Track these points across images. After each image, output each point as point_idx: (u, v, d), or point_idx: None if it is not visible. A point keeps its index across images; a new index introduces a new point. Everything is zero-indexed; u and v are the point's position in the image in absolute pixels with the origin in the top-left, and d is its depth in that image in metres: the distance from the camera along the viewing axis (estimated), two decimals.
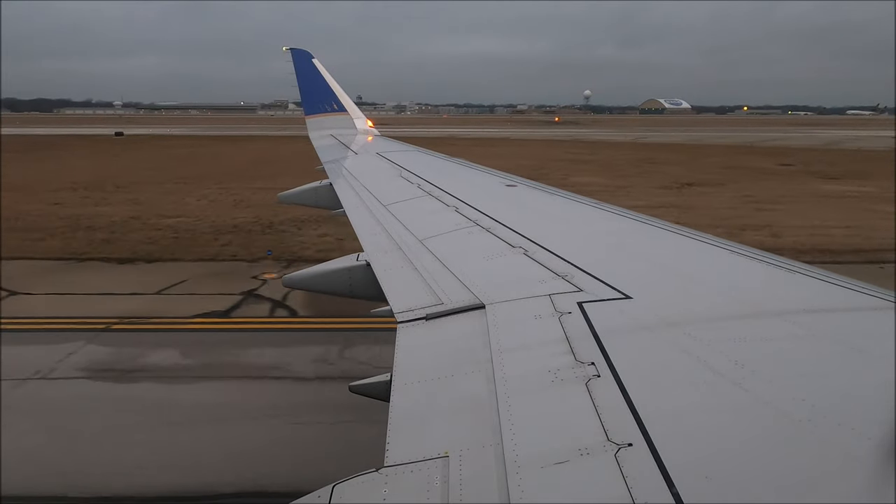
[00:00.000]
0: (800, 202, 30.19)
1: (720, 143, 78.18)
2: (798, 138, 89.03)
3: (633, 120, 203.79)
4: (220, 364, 11.61)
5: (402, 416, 2.55)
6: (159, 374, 11.07)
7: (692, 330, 2.92)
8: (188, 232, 22.93)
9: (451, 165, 10.21)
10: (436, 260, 4.55)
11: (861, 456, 1.94)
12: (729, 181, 38.19)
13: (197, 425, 9.33)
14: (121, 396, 10.28)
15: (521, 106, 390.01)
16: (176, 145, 69.73)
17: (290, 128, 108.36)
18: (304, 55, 15.80)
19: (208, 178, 38.25)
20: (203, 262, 18.80)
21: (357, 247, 5.44)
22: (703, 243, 4.54)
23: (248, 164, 48.01)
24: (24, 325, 13.41)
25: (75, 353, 11.90)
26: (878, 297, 3.25)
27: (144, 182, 36.50)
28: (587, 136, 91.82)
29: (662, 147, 70.75)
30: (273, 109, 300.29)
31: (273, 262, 18.67)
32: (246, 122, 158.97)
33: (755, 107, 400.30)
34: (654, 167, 46.78)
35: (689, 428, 2.18)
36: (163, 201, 29.72)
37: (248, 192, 32.50)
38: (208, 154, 58.41)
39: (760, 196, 31.85)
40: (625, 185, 36.12)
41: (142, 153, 59.03)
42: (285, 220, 24.62)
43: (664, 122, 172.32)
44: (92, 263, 18.75)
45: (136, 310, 14.35)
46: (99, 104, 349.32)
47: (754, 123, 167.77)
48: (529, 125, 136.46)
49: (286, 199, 10.50)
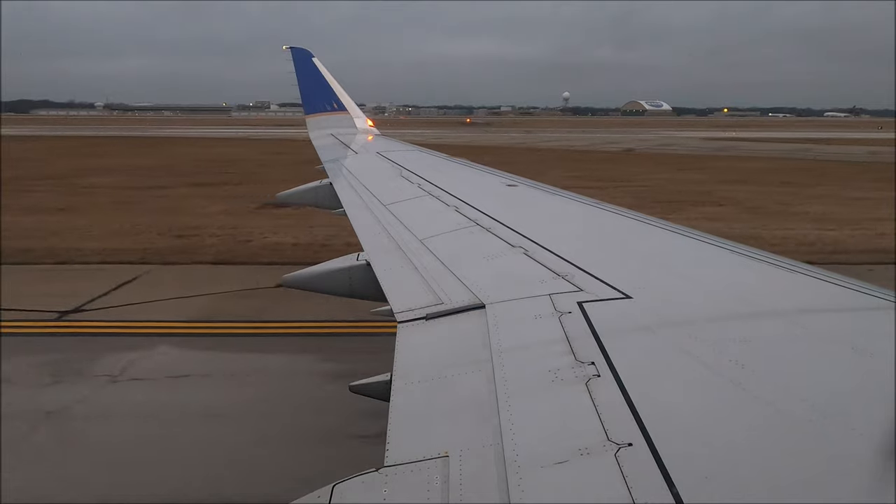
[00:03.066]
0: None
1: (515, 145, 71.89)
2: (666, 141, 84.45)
3: (558, 122, 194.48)
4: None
5: (402, 416, 2.55)
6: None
7: (692, 330, 2.92)
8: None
9: (451, 165, 10.21)
10: (436, 260, 4.55)
11: (861, 456, 1.94)
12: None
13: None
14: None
15: (505, 108, 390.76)
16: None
17: (250, 129, 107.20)
18: (305, 54, 15.79)
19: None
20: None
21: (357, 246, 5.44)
22: (703, 243, 4.54)
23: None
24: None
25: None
26: (878, 297, 3.25)
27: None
28: (453, 140, 77.77)
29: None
30: (255, 111, 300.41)
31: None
32: (212, 123, 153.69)
33: (735, 109, 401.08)
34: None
35: (689, 428, 2.18)
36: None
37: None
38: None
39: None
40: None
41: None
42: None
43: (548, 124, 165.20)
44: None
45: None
46: (82, 105, 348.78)
47: (698, 125, 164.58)
48: (450, 127, 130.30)
49: (286, 199, 10.49)
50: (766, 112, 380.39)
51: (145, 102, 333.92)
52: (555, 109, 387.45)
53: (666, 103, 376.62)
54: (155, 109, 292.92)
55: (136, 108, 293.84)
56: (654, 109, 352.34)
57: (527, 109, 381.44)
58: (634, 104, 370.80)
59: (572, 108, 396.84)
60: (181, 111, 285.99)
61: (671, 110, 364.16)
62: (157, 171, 41.68)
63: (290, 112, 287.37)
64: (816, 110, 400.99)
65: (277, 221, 23.11)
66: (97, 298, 14.26)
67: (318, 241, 19.38)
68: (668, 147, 72.38)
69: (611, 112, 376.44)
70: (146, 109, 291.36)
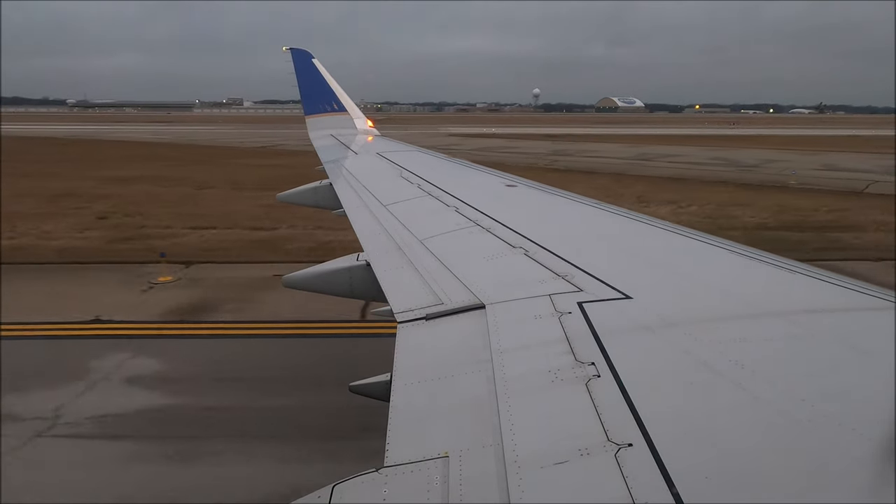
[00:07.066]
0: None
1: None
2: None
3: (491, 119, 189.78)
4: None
5: (402, 416, 2.55)
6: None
7: (692, 330, 2.92)
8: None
9: (451, 166, 10.21)
10: (436, 260, 4.55)
11: (861, 456, 1.94)
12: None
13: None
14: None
15: (481, 104, 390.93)
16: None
17: (199, 126, 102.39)
18: (304, 55, 15.78)
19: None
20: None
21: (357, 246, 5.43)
22: (703, 243, 4.54)
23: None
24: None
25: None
26: (878, 297, 3.25)
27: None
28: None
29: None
30: (226, 107, 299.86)
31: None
32: (162, 120, 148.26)
33: (714, 105, 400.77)
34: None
35: (689, 428, 2.18)
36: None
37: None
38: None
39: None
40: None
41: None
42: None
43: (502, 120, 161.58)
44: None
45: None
46: (54, 102, 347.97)
47: (666, 122, 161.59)
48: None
49: (286, 199, 10.47)
50: (739, 109, 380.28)
51: (124, 99, 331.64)
52: (526, 106, 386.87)
53: (639, 100, 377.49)
54: (116, 106, 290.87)
55: (97, 105, 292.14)
56: (626, 106, 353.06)
57: (499, 107, 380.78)
58: (608, 101, 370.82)
59: (543, 104, 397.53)
60: (142, 108, 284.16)
61: (644, 107, 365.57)
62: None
63: (262, 109, 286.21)
64: (785, 106, 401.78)
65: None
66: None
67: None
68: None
69: (586, 108, 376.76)
70: (108, 106, 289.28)
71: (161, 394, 10.23)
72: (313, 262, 5.82)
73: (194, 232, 22.45)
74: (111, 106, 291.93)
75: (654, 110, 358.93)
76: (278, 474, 7.99)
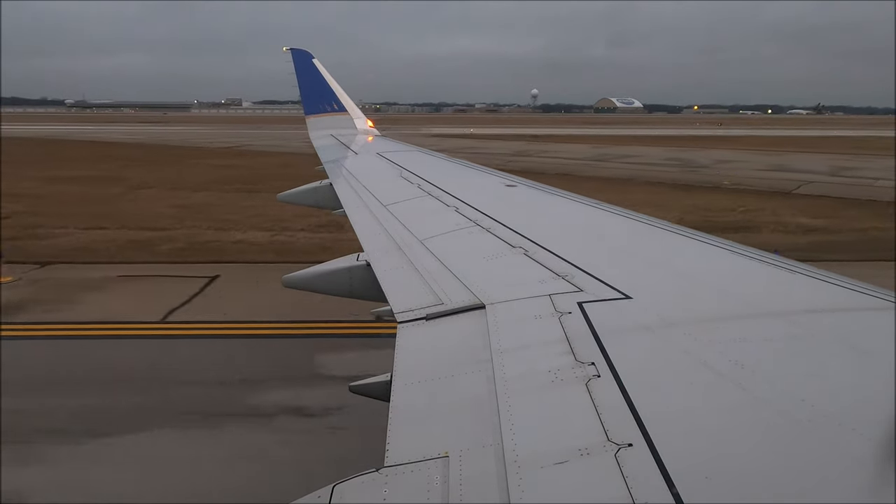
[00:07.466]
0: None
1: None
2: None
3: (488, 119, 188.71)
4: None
5: (402, 416, 2.55)
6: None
7: (692, 330, 2.92)
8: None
9: (451, 166, 10.21)
10: (436, 260, 4.55)
11: (861, 456, 1.94)
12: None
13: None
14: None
15: (480, 105, 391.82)
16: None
17: (191, 126, 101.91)
18: (305, 55, 15.79)
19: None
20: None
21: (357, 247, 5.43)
22: (703, 243, 4.54)
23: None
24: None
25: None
26: (878, 297, 3.25)
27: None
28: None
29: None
30: (224, 108, 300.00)
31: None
32: (157, 120, 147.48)
33: (706, 105, 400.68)
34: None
35: (689, 428, 2.18)
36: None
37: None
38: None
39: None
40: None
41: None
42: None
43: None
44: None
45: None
46: (52, 102, 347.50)
47: (664, 123, 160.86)
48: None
49: (286, 200, 10.46)
50: (738, 109, 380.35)
51: (123, 99, 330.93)
52: (525, 107, 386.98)
53: (637, 101, 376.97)
54: (114, 106, 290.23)
55: (95, 106, 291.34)
56: (625, 107, 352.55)
57: (497, 107, 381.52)
58: (606, 101, 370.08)
59: (542, 105, 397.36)
60: (140, 108, 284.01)
61: (642, 107, 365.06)
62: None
63: (260, 110, 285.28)
64: (784, 107, 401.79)
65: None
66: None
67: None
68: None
69: (585, 109, 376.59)
70: (105, 106, 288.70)
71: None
72: (183, 262, 5.67)
73: (84, 232, 22.09)
74: (109, 106, 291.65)
75: (653, 111, 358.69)
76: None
